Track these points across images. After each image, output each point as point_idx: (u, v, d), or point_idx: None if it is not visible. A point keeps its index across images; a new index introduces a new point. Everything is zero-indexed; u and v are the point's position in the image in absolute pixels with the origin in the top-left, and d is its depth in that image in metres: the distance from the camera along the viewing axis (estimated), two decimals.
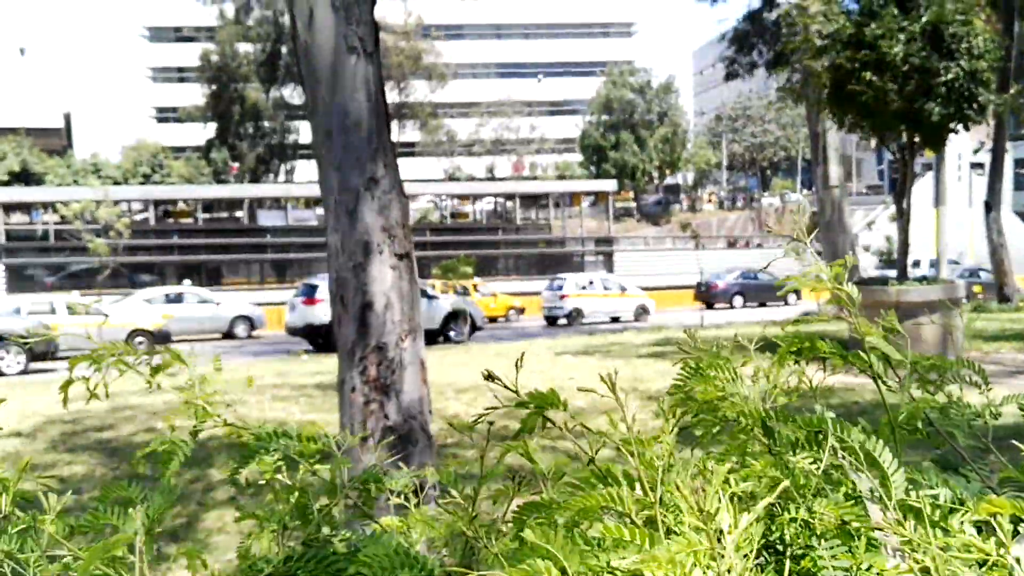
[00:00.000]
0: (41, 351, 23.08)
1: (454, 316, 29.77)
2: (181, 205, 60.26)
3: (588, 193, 64.59)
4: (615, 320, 39.09)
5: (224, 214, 60.13)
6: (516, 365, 1.37)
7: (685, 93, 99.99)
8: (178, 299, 34.27)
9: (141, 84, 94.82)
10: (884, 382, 1.62)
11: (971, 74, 15.07)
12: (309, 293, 28.51)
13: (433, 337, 27.74)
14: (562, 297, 38.73)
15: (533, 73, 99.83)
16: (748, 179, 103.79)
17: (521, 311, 42.85)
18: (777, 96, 26.03)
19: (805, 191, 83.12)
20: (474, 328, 30.40)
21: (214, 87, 77.28)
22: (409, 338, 5.42)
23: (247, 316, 35.33)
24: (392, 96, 79.98)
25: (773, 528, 1.27)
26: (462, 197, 63.23)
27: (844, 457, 1.36)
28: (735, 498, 1.22)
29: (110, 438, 11.18)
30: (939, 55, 15.01)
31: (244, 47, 76.46)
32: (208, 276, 50.74)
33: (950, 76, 14.95)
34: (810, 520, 1.27)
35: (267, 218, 55.35)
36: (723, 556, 0.97)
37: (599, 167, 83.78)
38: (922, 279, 16.16)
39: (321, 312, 26.77)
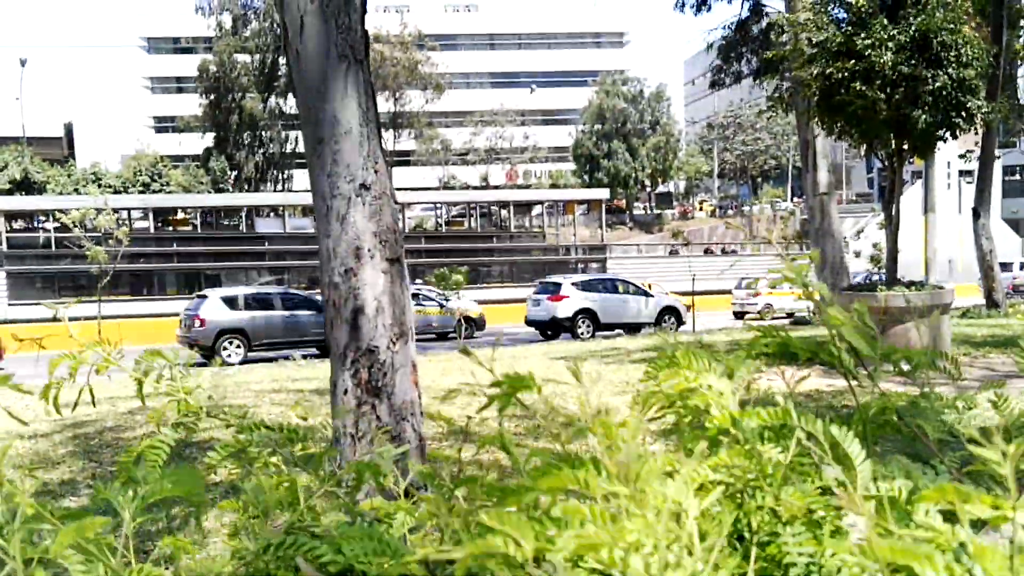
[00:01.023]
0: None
1: (667, 311, 34.62)
2: (180, 214, 60.28)
3: (581, 201, 64.66)
4: (790, 316, 41.93)
5: (223, 222, 60.13)
6: (493, 346, 1.42)
7: (676, 102, 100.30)
8: (414, 297, 36.02)
9: (140, 94, 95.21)
10: (854, 376, 1.66)
11: (959, 82, 15.10)
12: (554, 290, 33.18)
13: (634, 329, 32.51)
14: (755, 295, 43.34)
15: (526, 83, 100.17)
16: (739, 187, 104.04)
17: (689, 308, 45.34)
18: (767, 105, 26.28)
19: (796, 199, 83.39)
20: (680, 321, 34.58)
21: (212, 97, 77.44)
22: (400, 341, 5.46)
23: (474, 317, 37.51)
24: (388, 106, 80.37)
25: (741, 516, 1.31)
26: (456, 205, 63.30)
27: (812, 448, 1.40)
28: (703, 487, 1.26)
29: (113, 440, 11.17)
30: (927, 64, 15.06)
31: (242, 58, 76.62)
32: (207, 283, 50.81)
33: (938, 84, 14.98)
34: (777, 508, 1.31)
35: (265, 226, 55.34)
36: (679, 538, 1.01)
37: (592, 175, 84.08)
38: (910, 284, 16.18)
39: (565, 307, 32.20)
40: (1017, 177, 74.20)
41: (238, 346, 28.74)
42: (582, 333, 31.84)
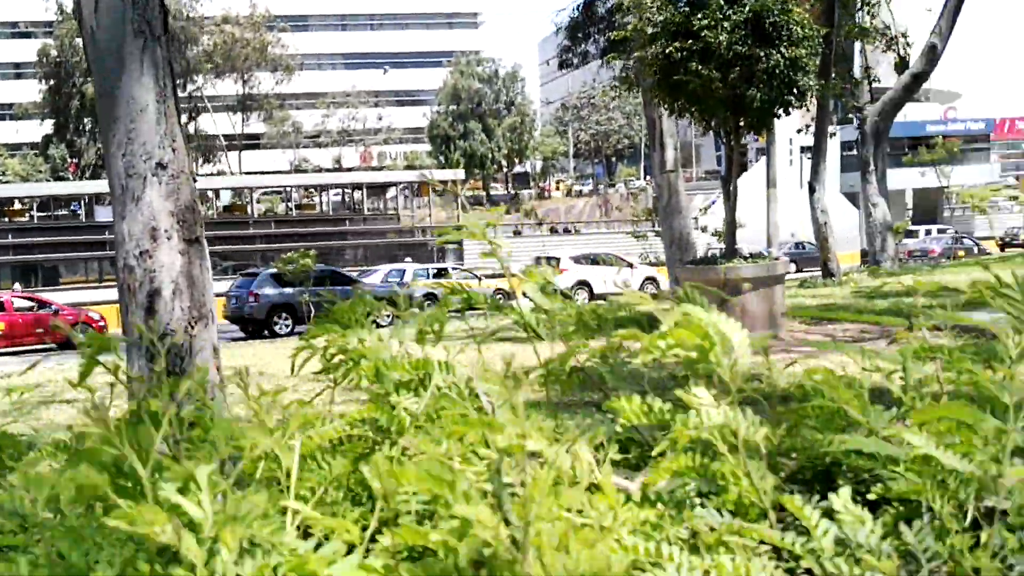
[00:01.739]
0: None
1: (648, 280, 37.40)
2: (16, 204, 57.99)
3: (438, 182, 64.61)
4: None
5: (61, 212, 58.16)
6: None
7: (531, 82, 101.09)
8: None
9: None
10: (536, 332, 1.68)
11: (791, 61, 15.55)
12: (555, 264, 35.91)
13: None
14: None
15: (379, 64, 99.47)
16: (594, 166, 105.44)
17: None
18: (611, 85, 26.87)
19: (649, 177, 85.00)
20: (659, 287, 37.84)
21: (52, 83, 75.13)
22: (200, 324, 5.33)
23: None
24: (237, 88, 79.02)
25: (368, 467, 1.31)
26: (308, 188, 62.50)
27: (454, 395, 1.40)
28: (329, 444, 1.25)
29: None
30: (761, 43, 15.47)
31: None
32: (45, 275, 49.23)
33: (771, 63, 15.40)
34: (401, 458, 1.30)
35: (106, 214, 53.76)
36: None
37: (448, 156, 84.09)
38: (747, 257, 16.67)
39: (566, 279, 34.65)
40: (855, 152, 76.93)
41: (287, 321, 30.72)
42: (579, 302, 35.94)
